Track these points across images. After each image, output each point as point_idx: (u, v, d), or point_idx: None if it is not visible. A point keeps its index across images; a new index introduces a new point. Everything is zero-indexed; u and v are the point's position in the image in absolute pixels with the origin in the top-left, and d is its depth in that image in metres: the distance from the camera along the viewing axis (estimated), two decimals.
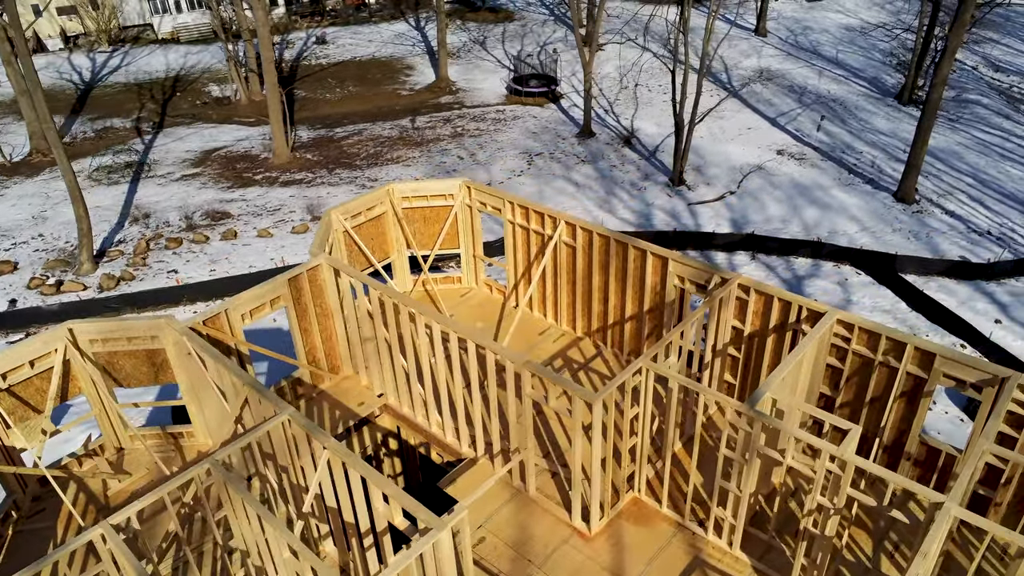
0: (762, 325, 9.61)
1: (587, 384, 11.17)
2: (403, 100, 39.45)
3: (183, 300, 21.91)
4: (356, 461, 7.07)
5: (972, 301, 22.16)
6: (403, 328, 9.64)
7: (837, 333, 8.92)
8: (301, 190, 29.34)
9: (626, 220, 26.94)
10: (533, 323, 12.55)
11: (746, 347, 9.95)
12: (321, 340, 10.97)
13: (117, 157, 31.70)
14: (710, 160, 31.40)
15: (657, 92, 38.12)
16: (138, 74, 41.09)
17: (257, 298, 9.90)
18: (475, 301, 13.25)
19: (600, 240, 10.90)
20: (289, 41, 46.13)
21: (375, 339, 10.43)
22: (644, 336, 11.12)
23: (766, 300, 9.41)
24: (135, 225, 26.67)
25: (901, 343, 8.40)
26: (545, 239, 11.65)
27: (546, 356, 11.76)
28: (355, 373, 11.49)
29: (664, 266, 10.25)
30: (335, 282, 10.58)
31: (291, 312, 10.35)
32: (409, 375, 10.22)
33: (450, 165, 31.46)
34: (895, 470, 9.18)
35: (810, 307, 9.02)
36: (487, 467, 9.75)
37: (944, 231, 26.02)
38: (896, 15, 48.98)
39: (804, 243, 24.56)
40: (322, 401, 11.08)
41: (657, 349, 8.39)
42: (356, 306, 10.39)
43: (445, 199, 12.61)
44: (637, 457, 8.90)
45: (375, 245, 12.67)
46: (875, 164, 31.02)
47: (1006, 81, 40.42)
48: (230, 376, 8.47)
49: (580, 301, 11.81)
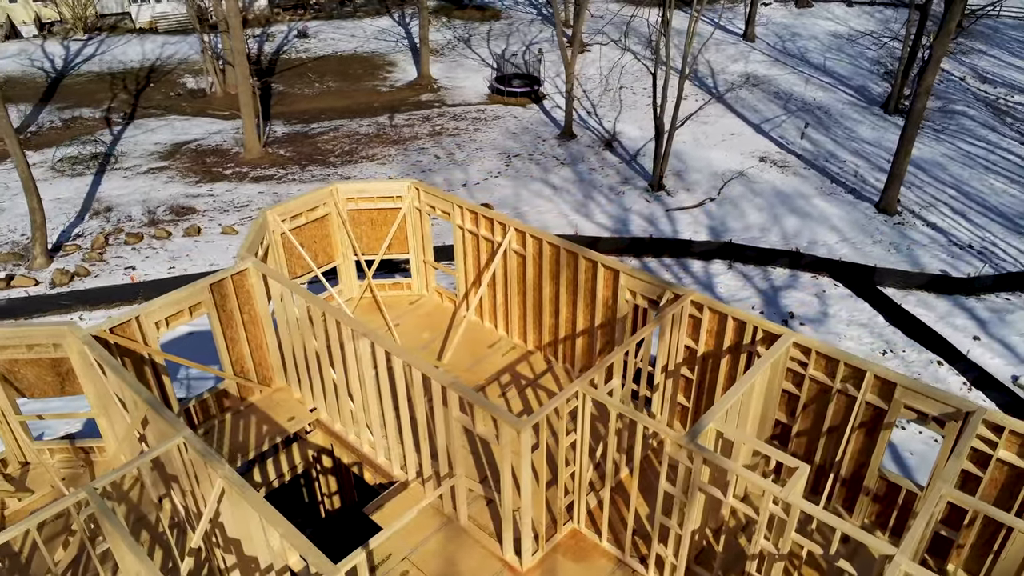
0: (716, 345, 8.96)
1: (534, 402, 10.50)
2: (383, 97, 38.68)
3: (138, 298, 21.08)
4: (250, 494, 6.36)
5: (951, 316, 21.64)
6: (331, 339, 8.94)
7: (794, 357, 8.28)
8: (271, 186, 28.53)
9: (602, 225, 26.30)
10: (483, 334, 11.86)
11: (700, 368, 9.30)
12: (250, 350, 10.24)
13: (83, 148, 30.79)
14: (692, 165, 30.81)
15: (642, 95, 37.51)
16: (112, 63, 40.12)
17: (174, 304, 9.17)
18: (424, 309, 12.56)
19: (550, 249, 10.22)
20: (270, 34, 45.25)
21: (305, 350, 9.72)
22: (596, 352, 10.45)
23: (720, 319, 8.76)
24: (96, 219, 25.80)
25: (860, 370, 7.77)
26: (495, 246, 10.97)
27: (493, 371, 11.08)
28: (288, 385, 10.77)
29: (615, 279, 9.58)
30: (264, 288, 9.86)
31: (214, 320, 9.62)
32: (339, 390, 9.53)
33: (426, 164, 30.74)
34: (853, 505, 8.54)
35: (766, 328, 8.38)
36: (418, 492, 9.06)
37: (925, 244, 25.51)
38: (885, 23, 48.60)
39: (783, 253, 23.99)
40: (250, 415, 10.35)
41: (596, 371, 7.72)
42: (286, 314, 9.68)
43: (393, 201, 11.92)
44: (576, 486, 8.23)
45: (319, 248, 11.95)
46: (858, 174, 30.53)
47: (993, 93, 40.07)
48: (129, 391, 7.74)
49: (531, 313, 11.13)
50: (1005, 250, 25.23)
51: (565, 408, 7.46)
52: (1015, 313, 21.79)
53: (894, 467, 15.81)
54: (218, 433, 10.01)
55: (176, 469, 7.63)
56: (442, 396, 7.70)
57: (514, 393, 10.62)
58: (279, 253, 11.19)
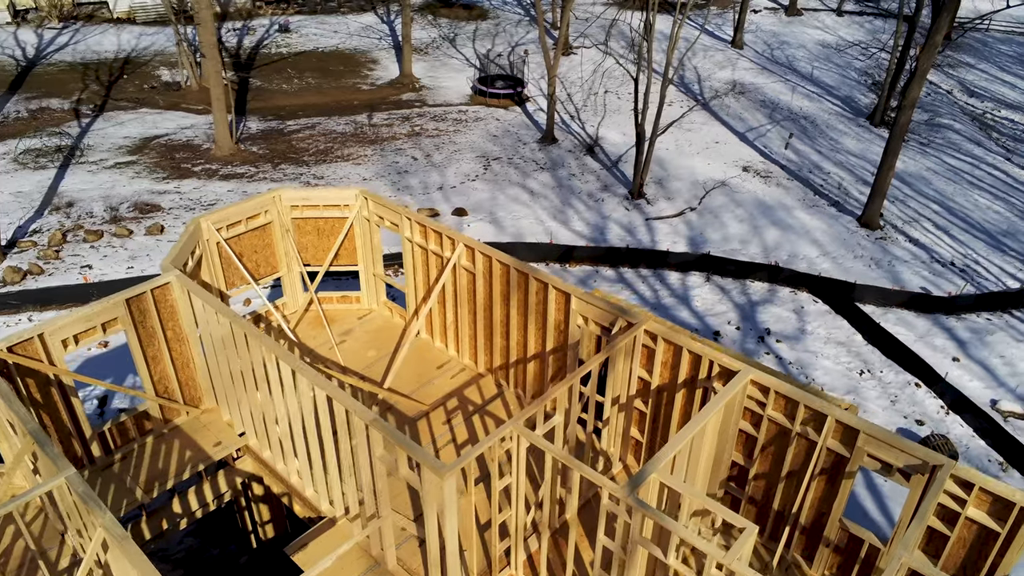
0: (671, 378, 8.31)
1: (480, 431, 9.82)
2: (363, 95, 37.89)
3: (91, 299, 20.23)
4: (128, 547, 5.64)
5: (930, 336, 21.14)
6: (256, 361, 8.24)
7: (751, 396, 7.64)
8: (241, 184, 27.71)
9: (579, 233, 25.66)
10: (432, 355, 11.17)
11: (654, 401, 8.65)
12: (175, 369, 9.50)
13: (48, 140, 29.84)
14: (673, 173, 30.23)
15: (626, 99, 36.91)
16: (86, 53, 39.11)
17: (84, 320, 8.42)
18: (373, 325, 11.85)
19: (500, 268, 9.54)
20: (251, 28, 44.35)
21: (231, 370, 9.00)
22: (548, 378, 9.78)
23: (675, 351, 8.11)
24: (56, 214, 24.90)
25: (821, 414, 7.13)
26: (444, 262, 10.28)
27: (440, 394, 10.39)
28: (218, 406, 10.05)
29: (567, 303, 8.92)
30: (190, 303, 9.13)
31: (132, 338, 8.88)
32: (267, 415, 8.82)
33: (403, 165, 30.01)
34: (813, 555, 7.91)
35: (722, 363, 7.73)
36: (346, 530, 8.36)
37: (907, 260, 25.03)
38: (874, 34, 48.25)
39: (761, 267, 23.42)
40: (173, 439, 9.61)
41: (534, 409, 7.05)
42: (210, 332, 8.96)
43: (340, 210, 11.20)
44: (512, 532, 7.56)
45: (260, 259, 11.21)
46: (842, 186, 30.05)
47: (980, 107, 39.74)
48: (17, 420, 7.00)
49: (482, 333, 10.45)
50: (987, 268, 24.79)
51: (498, 449, 6.80)
52: (995, 334, 21.32)
53: (864, 502, 15.22)
54: (136, 459, 9.28)
55: (68, 507, 6.92)
56: (365, 434, 7.02)
57: (460, 420, 9.94)
58: (214, 264, 10.46)
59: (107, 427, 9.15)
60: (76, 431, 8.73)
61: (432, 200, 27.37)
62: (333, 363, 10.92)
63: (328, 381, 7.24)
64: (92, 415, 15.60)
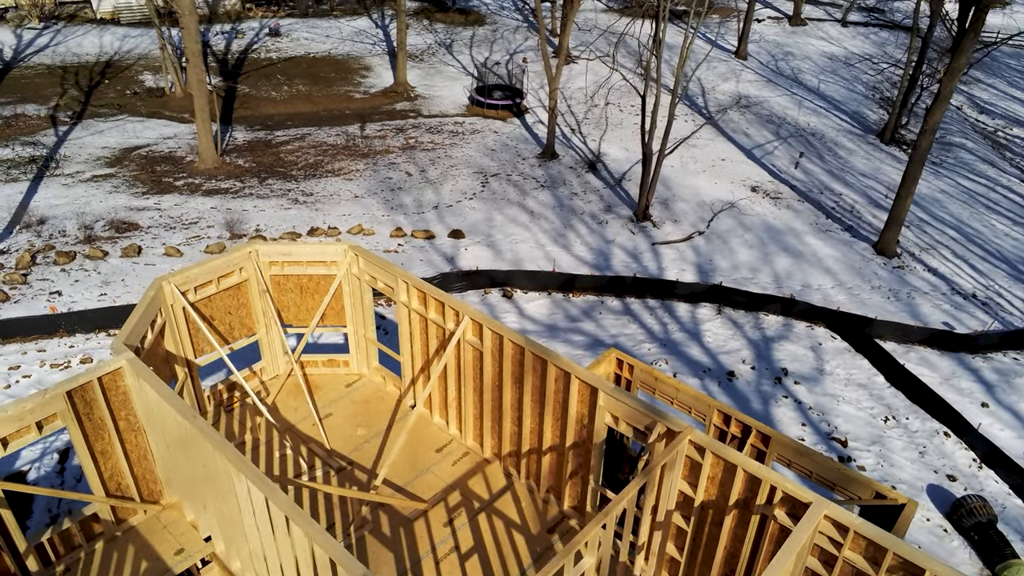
0: (720, 496, 6.96)
1: (487, 534, 8.44)
2: (355, 104, 36.45)
3: (59, 331, 18.78)
4: None
5: (955, 378, 19.92)
6: (219, 469, 6.85)
7: (823, 531, 6.30)
8: (224, 201, 26.23)
9: (581, 258, 24.32)
10: (431, 434, 9.78)
11: (697, 518, 7.30)
12: (129, 463, 8.08)
13: (22, 150, 28.26)
14: (678, 194, 28.95)
15: (628, 113, 35.63)
16: (66, 56, 37.51)
17: (14, 420, 6.99)
18: (362, 394, 10.45)
19: (512, 348, 8.17)
20: (240, 31, 42.82)
21: (192, 473, 7.60)
22: (566, 475, 8.42)
23: (726, 467, 6.76)
24: (26, 232, 23.36)
25: (918, 567, 5.80)
26: (447, 334, 8.90)
27: (440, 486, 9.01)
28: (179, 500, 8.63)
29: (593, 396, 7.56)
30: (145, 389, 7.72)
31: (75, 433, 7.45)
32: (235, 524, 7.42)
33: (396, 182, 28.60)
34: None
35: (787, 491, 6.39)
36: None
37: (926, 291, 23.82)
38: (881, 46, 47.17)
39: (775, 299, 22.15)
40: (127, 545, 8.18)
41: (564, 559, 5.68)
42: (164, 430, 7.55)
43: (327, 266, 9.80)
44: None
45: (234, 320, 9.80)
46: (854, 209, 28.85)
47: (991, 124, 38.66)
48: None
49: (489, 415, 9.08)
50: (1011, 301, 23.62)
51: None
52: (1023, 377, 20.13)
53: None
54: (83, 572, 7.85)
55: None
56: None
57: (463, 520, 8.57)
58: (180, 331, 9.04)
59: (45, 537, 7.73)
60: (7, 543, 7.30)
61: (426, 220, 25.98)
62: (316, 443, 9.53)
63: (313, 523, 5.84)
64: (51, 472, 14.14)
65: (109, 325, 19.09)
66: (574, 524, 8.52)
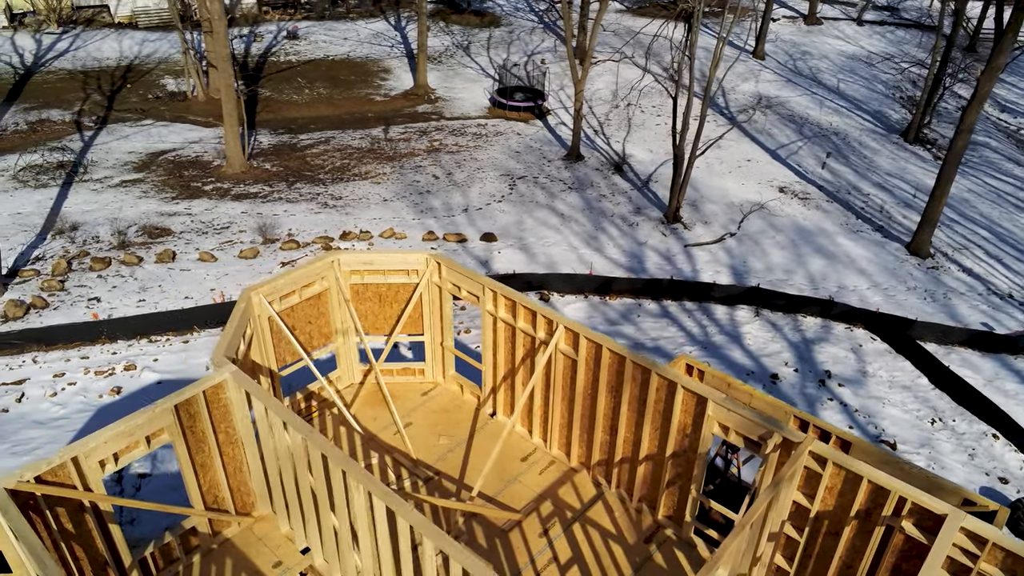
0: (838, 507, 6.88)
1: (583, 544, 8.37)
2: (376, 107, 36.40)
3: (100, 338, 18.73)
4: None
5: (999, 380, 19.82)
6: (333, 480, 6.78)
7: (957, 543, 6.22)
8: (255, 206, 26.19)
9: (615, 260, 24.25)
10: (513, 443, 9.71)
11: (811, 528, 7.22)
12: (227, 474, 8.03)
13: (50, 155, 28.22)
14: (706, 195, 28.88)
15: (650, 114, 35.57)
16: (87, 60, 37.48)
17: (126, 436, 6.93)
18: (439, 403, 10.38)
19: (611, 358, 8.10)
20: (257, 34, 42.78)
21: (296, 484, 7.54)
22: (664, 485, 8.35)
23: (847, 477, 6.68)
24: (59, 238, 23.32)
25: None
26: (536, 343, 8.83)
27: (530, 495, 8.94)
28: (274, 514, 8.58)
29: (700, 406, 7.48)
30: (246, 402, 7.66)
31: (180, 448, 7.40)
32: (339, 536, 7.36)
33: (424, 185, 28.54)
34: None
35: (918, 501, 6.31)
36: None
37: (962, 292, 23.73)
38: (898, 44, 47.05)
39: (813, 301, 22.05)
40: (224, 557, 8.12)
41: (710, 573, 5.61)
42: (273, 440, 7.49)
43: (407, 275, 9.73)
44: None
45: (313, 330, 9.74)
46: (884, 209, 28.75)
47: (1013, 123, 38.55)
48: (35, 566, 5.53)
49: (578, 424, 9.01)
50: None
51: None
52: None
53: None
54: None
55: None
56: None
57: (558, 530, 8.50)
58: (265, 341, 8.99)
59: (150, 551, 7.67)
60: (113, 560, 7.25)
61: (456, 224, 25.92)
62: (400, 453, 9.46)
63: (445, 535, 5.77)
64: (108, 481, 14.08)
65: (150, 331, 19.03)
66: (670, 534, 8.44)
